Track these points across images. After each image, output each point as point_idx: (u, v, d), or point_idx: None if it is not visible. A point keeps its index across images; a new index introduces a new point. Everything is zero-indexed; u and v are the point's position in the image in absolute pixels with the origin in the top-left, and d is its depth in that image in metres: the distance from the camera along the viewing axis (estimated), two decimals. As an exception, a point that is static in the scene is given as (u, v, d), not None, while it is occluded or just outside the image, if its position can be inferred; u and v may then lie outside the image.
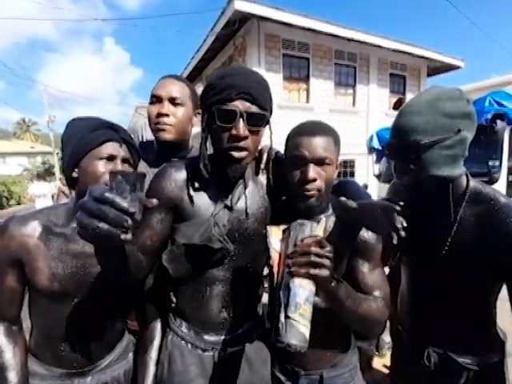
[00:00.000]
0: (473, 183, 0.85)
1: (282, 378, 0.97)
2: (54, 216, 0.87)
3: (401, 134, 0.78)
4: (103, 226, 0.48)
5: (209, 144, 0.86)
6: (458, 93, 0.77)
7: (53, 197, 8.71)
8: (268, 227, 0.73)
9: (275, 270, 0.68)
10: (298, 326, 0.61)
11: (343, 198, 0.80)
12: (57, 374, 0.87)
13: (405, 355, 1.04)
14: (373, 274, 0.80)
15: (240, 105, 0.76)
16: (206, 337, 0.90)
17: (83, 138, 0.84)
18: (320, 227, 0.69)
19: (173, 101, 1.10)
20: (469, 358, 0.87)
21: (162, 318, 1.01)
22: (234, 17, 6.49)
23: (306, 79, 7.86)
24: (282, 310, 0.62)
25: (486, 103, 4.17)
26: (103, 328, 0.91)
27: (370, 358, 2.24)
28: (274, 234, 0.72)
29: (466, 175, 0.85)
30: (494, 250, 0.77)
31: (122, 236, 0.49)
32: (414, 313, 1.01)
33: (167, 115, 1.09)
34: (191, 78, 10.15)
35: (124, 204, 0.49)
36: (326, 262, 0.63)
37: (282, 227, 0.71)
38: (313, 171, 0.80)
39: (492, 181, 3.98)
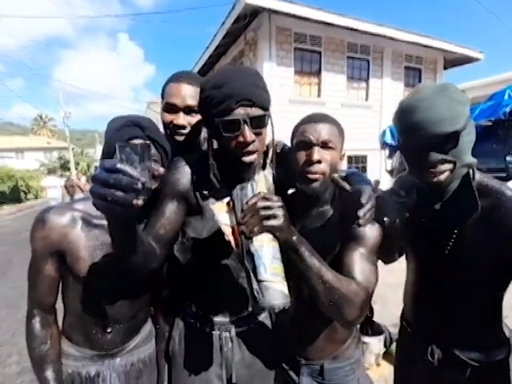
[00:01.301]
0: (478, 176, 0.84)
1: (286, 367, 1.00)
2: (92, 208, 0.90)
3: (430, 127, 0.75)
4: (119, 193, 0.51)
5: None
6: (453, 84, 0.79)
7: (65, 188, 9.69)
8: (210, 206, 0.71)
9: (233, 243, 0.68)
10: (274, 286, 0.59)
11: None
12: (89, 356, 0.93)
13: (408, 351, 1.03)
14: (361, 261, 0.77)
15: (242, 111, 0.77)
16: (213, 318, 0.97)
17: (112, 137, 0.87)
18: (260, 184, 0.68)
19: (189, 109, 1.06)
20: (473, 355, 0.86)
21: (174, 298, 1.07)
22: (244, 10, 6.44)
23: (318, 73, 7.75)
24: (252, 276, 0.61)
25: (506, 96, 4.02)
26: (132, 313, 0.97)
27: (377, 354, 2.24)
28: (219, 210, 0.70)
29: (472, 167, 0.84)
30: (502, 244, 0.76)
31: (134, 201, 0.51)
32: (418, 308, 1.00)
33: (184, 127, 1.06)
34: (202, 74, 10.16)
35: (135, 173, 0.51)
36: (277, 211, 0.62)
37: (225, 200, 0.71)
38: (317, 153, 0.82)
39: (510, 176, 3.85)
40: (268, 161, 0.97)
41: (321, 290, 0.67)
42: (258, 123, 0.79)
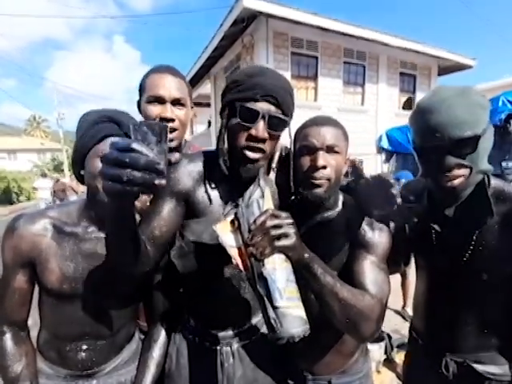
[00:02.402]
0: (494, 182, 0.83)
1: (291, 383, 0.95)
2: (65, 215, 0.85)
3: (449, 129, 0.72)
4: (136, 173, 0.45)
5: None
6: (474, 88, 0.77)
7: (51, 192, 9.54)
8: (213, 226, 0.66)
9: (241, 266, 0.63)
10: (291, 312, 0.56)
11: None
12: (62, 375, 0.86)
13: (420, 363, 0.99)
14: (372, 270, 0.75)
15: (264, 106, 0.74)
16: (213, 332, 0.90)
17: (84, 134, 0.80)
18: (267, 200, 0.64)
19: (176, 102, 1.02)
20: (490, 368, 0.83)
21: (171, 312, 1.00)
22: (242, 14, 6.45)
23: (315, 78, 7.78)
24: (267, 303, 0.57)
25: (500, 103, 4.09)
26: (110, 330, 0.89)
27: (378, 362, 2.21)
28: (223, 230, 0.65)
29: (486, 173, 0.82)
30: None
31: (157, 181, 0.46)
32: (431, 319, 0.96)
33: (172, 120, 1.01)
34: (198, 76, 10.14)
35: (152, 154, 0.46)
36: (288, 229, 0.59)
37: (229, 219, 0.66)
38: (322, 158, 0.79)
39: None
40: (273, 165, 0.94)
41: (336, 308, 0.65)
42: (276, 125, 0.76)
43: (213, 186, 0.84)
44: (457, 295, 0.87)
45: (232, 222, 0.65)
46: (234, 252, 0.63)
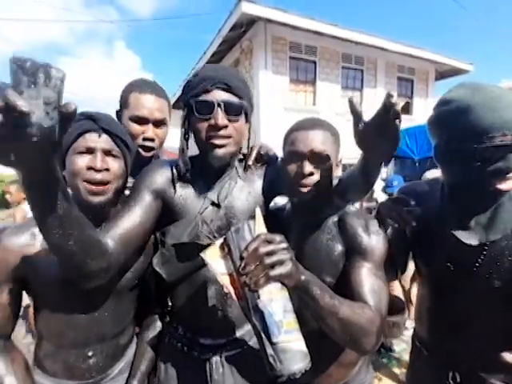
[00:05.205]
0: None
1: None
2: None
3: None
4: None
5: (192, 143, 0.87)
6: None
7: None
8: (201, 254, 0.61)
9: (234, 296, 0.59)
10: (291, 346, 0.52)
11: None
12: None
13: (425, 374, 0.95)
14: (369, 278, 0.72)
15: (216, 95, 0.77)
16: (202, 340, 0.88)
17: None
18: (258, 223, 0.59)
19: (157, 123, 1.08)
20: (499, 378, 0.80)
21: (160, 320, 1.00)
22: (241, 19, 6.49)
23: (313, 82, 7.81)
24: (265, 338, 0.53)
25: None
26: (114, 334, 0.88)
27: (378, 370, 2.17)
28: (213, 256, 0.60)
29: None
30: None
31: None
32: (438, 330, 0.92)
33: (152, 140, 1.07)
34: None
35: (12, 98, 0.37)
36: (283, 255, 0.54)
37: (218, 243, 0.61)
38: (309, 165, 0.77)
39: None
40: (250, 162, 0.93)
41: (337, 327, 0.62)
42: (233, 109, 0.78)
43: (186, 188, 0.85)
44: (466, 303, 0.83)
45: (222, 246, 0.61)
46: (225, 280, 0.59)
